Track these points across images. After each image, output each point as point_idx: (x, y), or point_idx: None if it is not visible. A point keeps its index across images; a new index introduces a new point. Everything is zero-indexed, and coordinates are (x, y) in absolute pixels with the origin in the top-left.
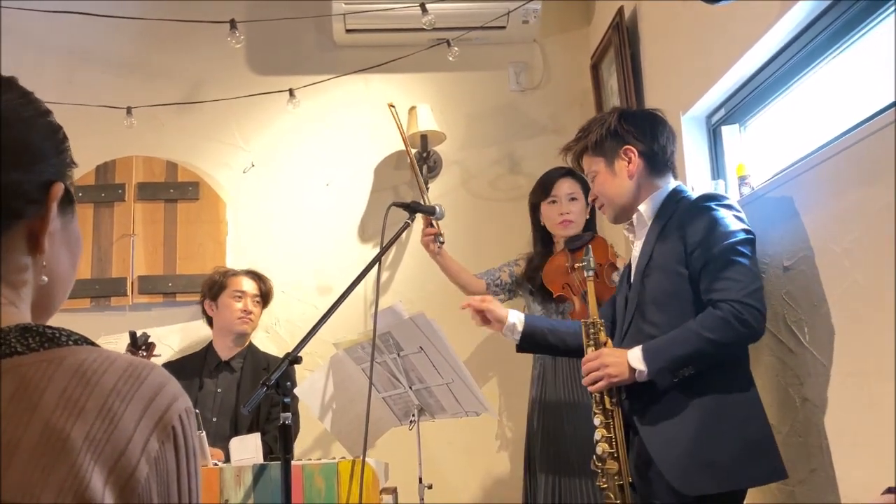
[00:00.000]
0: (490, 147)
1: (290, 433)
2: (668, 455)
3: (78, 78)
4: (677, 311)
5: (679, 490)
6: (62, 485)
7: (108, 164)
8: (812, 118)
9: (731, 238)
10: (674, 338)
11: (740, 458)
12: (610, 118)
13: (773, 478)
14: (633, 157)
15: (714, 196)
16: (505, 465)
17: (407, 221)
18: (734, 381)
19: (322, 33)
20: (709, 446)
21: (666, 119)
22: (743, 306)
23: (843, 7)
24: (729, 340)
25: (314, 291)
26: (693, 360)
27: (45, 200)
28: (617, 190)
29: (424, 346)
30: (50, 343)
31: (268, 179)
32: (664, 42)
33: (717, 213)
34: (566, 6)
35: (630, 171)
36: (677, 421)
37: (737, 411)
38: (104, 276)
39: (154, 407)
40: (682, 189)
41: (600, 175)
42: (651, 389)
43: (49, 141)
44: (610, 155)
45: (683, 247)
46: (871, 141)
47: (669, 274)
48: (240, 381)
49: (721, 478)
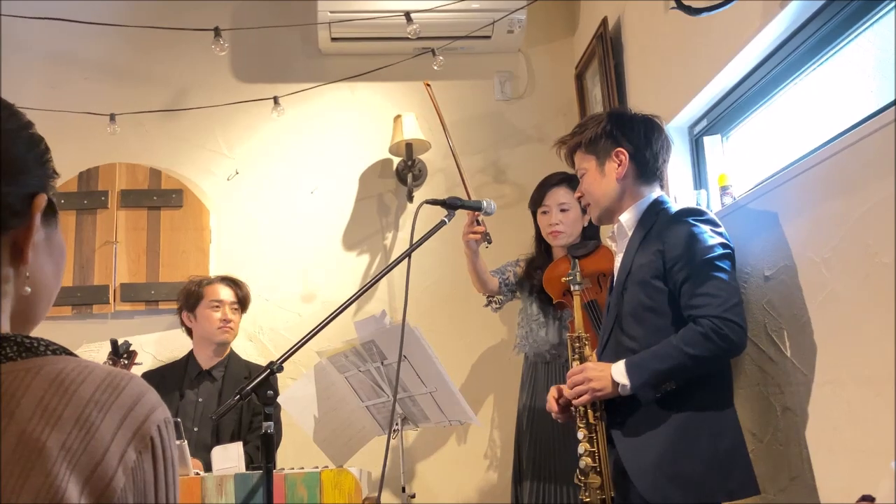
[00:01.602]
0: (475, 155)
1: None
2: (640, 466)
3: (61, 84)
4: (654, 324)
5: (650, 501)
6: (37, 493)
7: (91, 170)
8: (793, 129)
9: (709, 253)
10: (655, 353)
11: (710, 471)
12: (607, 118)
13: (743, 493)
14: (624, 159)
15: (693, 211)
16: (493, 475)
17: (444, 220)
18: (712, 398)
19: (307, 41)
20: (679, 459)
21: (663, 127)
22: (723, 322)
23: (823, 18)
24: (709, 355)
25: (298, 299)
26: (674, 375)
27: (28, 212)
28: (603, 191)
29: (408, 354)
30: (28, 353)
31: (252, 187)
32: (647, 52)
33: (695, 228)
34: (551, 16)
35: (619, 174)
36: (651, 433)
37: (710, 426)
38: (86, 283)
39: (132, 417)
40: (663, 200)
41: (589, 173)
42: (629, 403)
43: (32, 153)
44: (602, 155)
45: (662, 262)
46: (850, 152)
47: (646, 288)
48: (221, 390)
49: (690, 490)
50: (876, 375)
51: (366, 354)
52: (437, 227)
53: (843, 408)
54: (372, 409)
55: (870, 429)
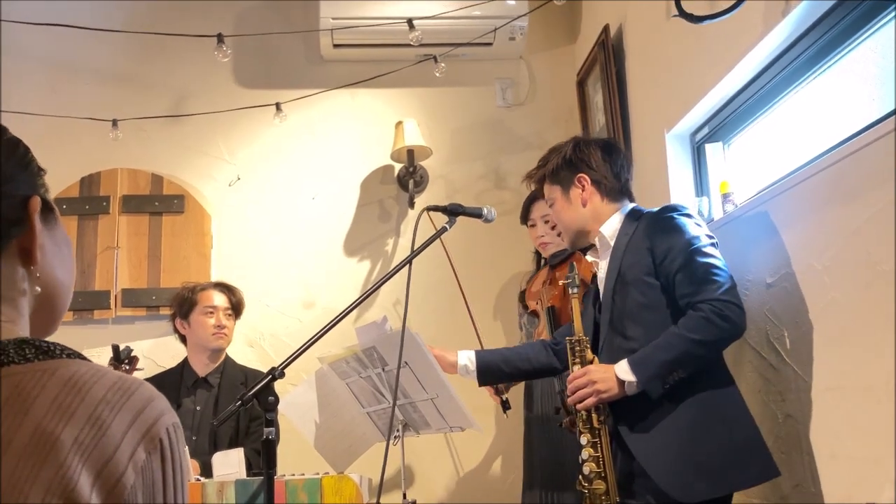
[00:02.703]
0: (476, 162)
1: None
2: (659, 463)
3: (64, 90)
4: (654, 321)
5: (677, 498)
6: (50, 483)
7: (93, 176)
8: (794, 136)
9: (696, 242)
10: (658, 345)
11: (730, 460)
12: (566, 147)
13: (765, 476)
14: (587, 184)
15: (675, 207)
16: (494, 482)
17: (445, 226)
18: (715, 384)
19: (310, 48)
20: (698, 450)
21: (620, 147)
22: (722, 303)
23: (825, 27)
24: (714, 338)
25: (299, 305)
26: (682, 364)
27: (26, 217)
28: (572, 216)
29: (409, 360)
30: (45, 355)
31: (253, 193)
32: (649, 60)
33: (679, 220)
34: (552, 23)
35: (584, 199)
36: (664, 429)
37: (721, 413)
38: (87, 288)
39: (142, 419)
40: (640, 208)
41: (557, 202)
42: (635, 402)
43: (11, 160)
44: (566, 183)
45: (651, 258)
46: (851, 160)
47: (640, 286)
48: (217, 397)
49: (713, 480)
50: (877, 383)
51: (367, 360)
52: (439, 233)
53: (845, 415)
54: (373, 415)
55: (871, 436)
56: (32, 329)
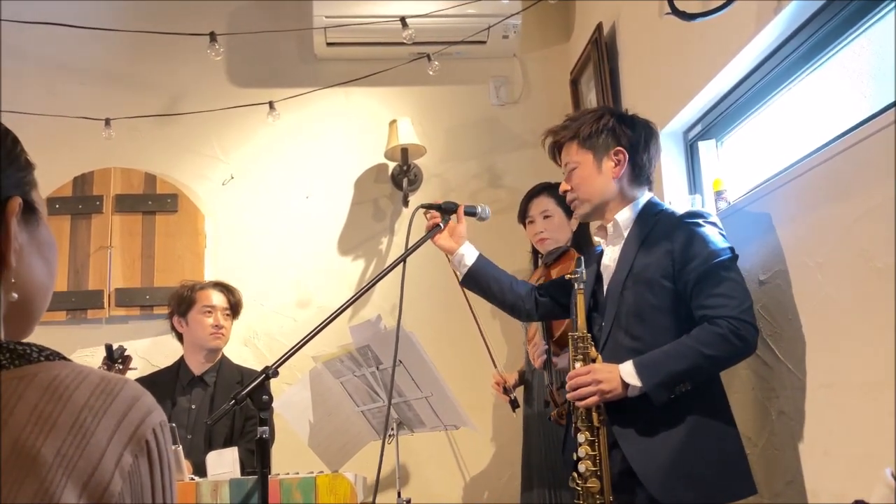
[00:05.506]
0: (470, 161)
1: (267, 447)
2: (651, 468)
3: (57, 89)
4: (660, 324)
5: (661, 501)
6: (32, 500)
7: (86, 175)
8: (787, 134)
9: (721, 255)
10: (668, 353)
11: (719, 472)
12: (607, 115)
13: (746, 492)
14: (623, 159)
15: (700, 213)
16: (490, 481)
17: (439, 224)
18: (714, 400)
19: (303, 46)
20: (690, 461)
21: (659, 134)
22: (740, 322)
23: (818, 23)
24: (726, 356)
25: (293, 304)
26: (690, 376)
27: (1, 220)
28: (598, 188)
29: (404, 359)
30: (21, 360)
31: (247, 192)
32: (642, 58)
33: (704, 229)
34: (546, 22)
35: (616, 173)
36: (662, 436)
37: (716, 428)
38: (80, 288)
39: (127, 421)
40: (657, 202)
41: (583, 168)
42: (635, 405)
43: None
44: (600, 152)
45: (671, 262)
46: (844, 156)
47: (654, 287)
48: (213, 396)
49: (700, 491)
50: (870, 380)
51: (361, 359)
52: (433, 231)
53: (838, 412)
54: (367, 413)
55: (864, 433)
56: (7, 332)
